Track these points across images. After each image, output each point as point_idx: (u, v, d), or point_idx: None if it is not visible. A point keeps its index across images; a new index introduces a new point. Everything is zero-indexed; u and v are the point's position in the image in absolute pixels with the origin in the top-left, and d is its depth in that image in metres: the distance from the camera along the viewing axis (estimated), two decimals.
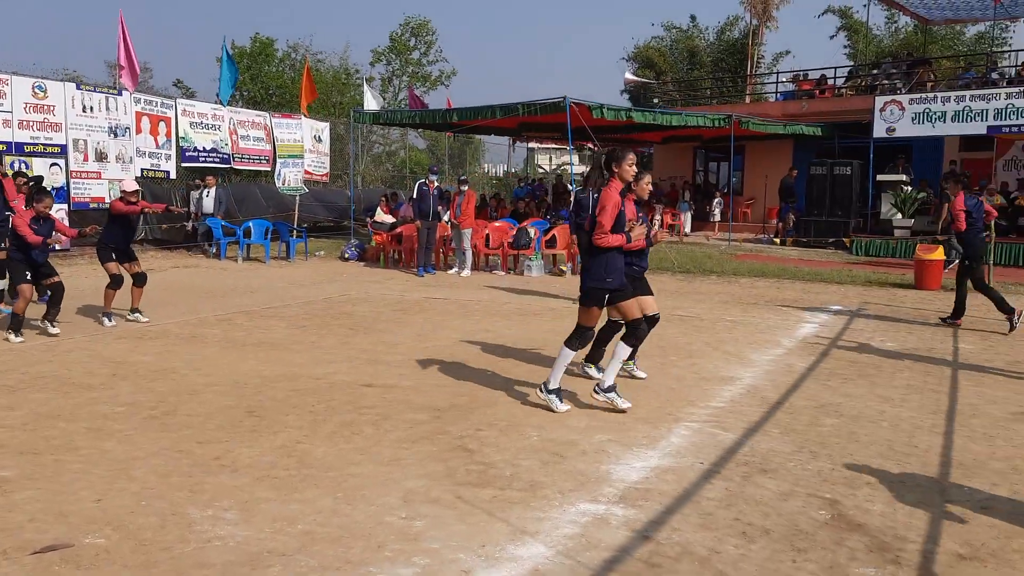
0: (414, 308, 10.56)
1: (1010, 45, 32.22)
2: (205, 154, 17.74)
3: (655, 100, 29.77)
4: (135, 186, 9.20)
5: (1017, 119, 17.19)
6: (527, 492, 4.19)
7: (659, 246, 18.20)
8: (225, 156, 18.23)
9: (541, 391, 5.81)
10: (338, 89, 34.91)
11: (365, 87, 22.94)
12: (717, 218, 23.45)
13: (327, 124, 21.32)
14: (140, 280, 9.12)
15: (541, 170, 46.89)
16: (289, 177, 19.22)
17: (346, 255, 16.93)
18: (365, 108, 21.13)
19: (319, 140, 20.32)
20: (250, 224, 16.76)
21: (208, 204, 17.04)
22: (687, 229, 23.34)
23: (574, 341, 5.76)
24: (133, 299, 9.12)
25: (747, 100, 28.82)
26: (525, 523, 3.79)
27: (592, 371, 6.74)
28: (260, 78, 33.12)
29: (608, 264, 5.54)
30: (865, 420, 5.58)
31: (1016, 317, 9.10)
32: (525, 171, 39.74)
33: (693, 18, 40.87)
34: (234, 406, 5.73)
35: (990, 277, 12.41)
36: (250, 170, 20.28)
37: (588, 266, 5.69)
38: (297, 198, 19.66)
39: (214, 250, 16.69)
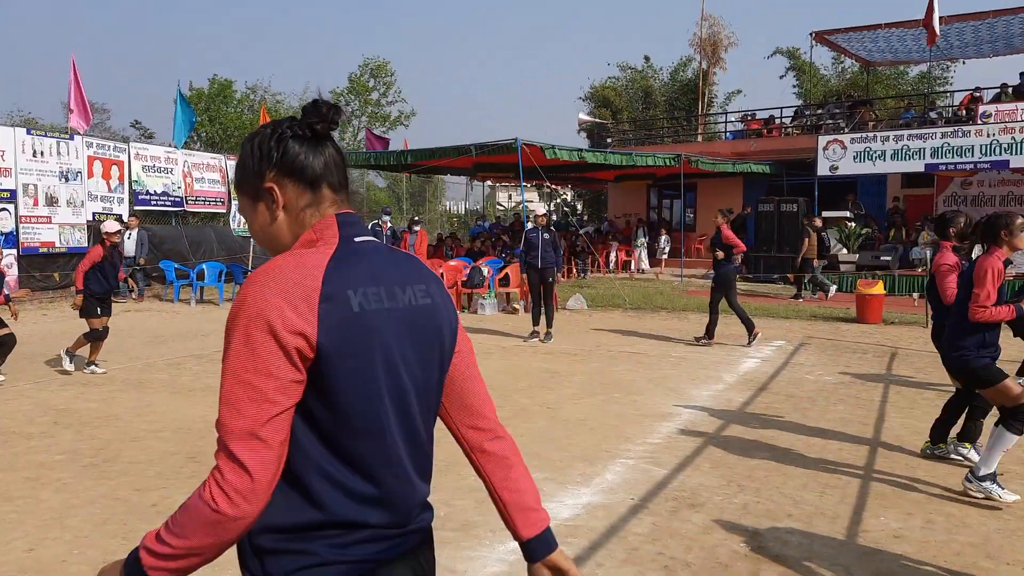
0: None
1: (951, 84, 33.44)
2: (157, 197, 17.73)
3: (608, 140, 30.31)
4: (116, 227, 8.81)
5: (952, 157, 17.87)
6: (459, 532, 4.29)
7: (611, 282, 18.51)
8: (177, 199, 18.22)
9: (970, 481, 4.81)
10: None
11: None
12: (666, 255, 23.84)
13: None
14: (103, 334, 8.76)
15: (501, 208, 47.33)
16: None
17: None
18: None
19: None
20: (204, 266, 16.72)
21: (129, 247, 16.49)
22: (644, 265, 23.71)
23: (1015, 424, 4.68)
24: (93, 352, 8.74)
25: (699, 139, 29.51)
26: (454, 563, 3.89)
27: (967, 451, 5.60)
28: (219, 119, 33.22)
29: (986, 337, 4.77)
30: (794, 453, 5.77)
31: (706, 340, 11.01)
32: (484, 208, 40.08)
33: (647, 59, 41.79)
34: (176, 452, 5.76)
35: (927, 310, 12.85)
36: (206, 212, 20.26)
37: (959, 341, 4.85)
38: (252, 239, 19.67)
39: (134, 294, 16.31)
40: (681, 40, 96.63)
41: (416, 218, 15.55)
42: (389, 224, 14.63)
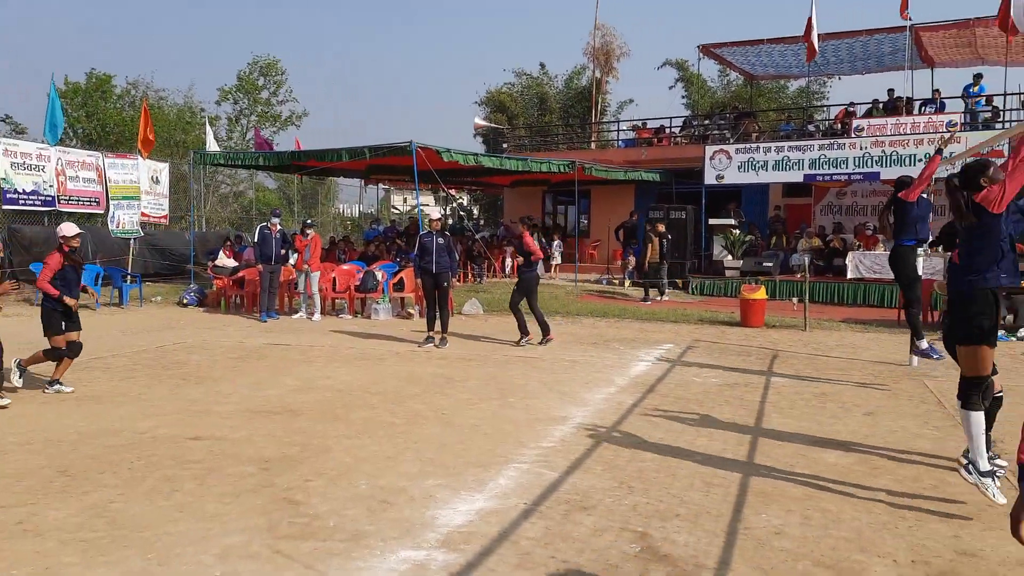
0: (253, 355, 10.30)
1: (827, 99, 35.20)
2: (26, 196, 16.70)
3: (504, 145, 30.47)
4: (75, 229, 8.00)
5: (829, 168, 18.81)
6: (350, 542, 4.19)
7: (507, 286, 18.57)
8: (48, 198, 17.20)
9: (970, 472, 4.75)
10: (181, 128, 33.79)
11: (207, 127, 22.34)
12: (557, 260, 24.10)
13: (166, 164, 20.56)
14: (75, 350, 8.08)
15: (396, 211, 46.87)
16: (123, 220, 18.36)
17: (185, 300, 16.30)
18: (208, 149, 20.56)
19: (157, 181, 19.56)
20: None
21: None
22: (539, 270, 23.87)
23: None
24: (59, 369, 7.96)
25: (593, 146, 30.02)
26: (344, 574, 3.80)
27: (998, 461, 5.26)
28: (96, 115, 31.60)
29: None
30: (682, 453, 5.91)
31: (525, 340, 11.42)
32: (378, 212, 39.61)
33: (543, 65, 42.16)
34: (45, 465, 5.42)
35: (805, 314, 13.45)
36: (80, 212, 19.22)
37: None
38: (132, 241, 18.79)
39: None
40: (575, 49, 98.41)
41: (309, 220, 15.19)
42: (279, 226, 14.23)
